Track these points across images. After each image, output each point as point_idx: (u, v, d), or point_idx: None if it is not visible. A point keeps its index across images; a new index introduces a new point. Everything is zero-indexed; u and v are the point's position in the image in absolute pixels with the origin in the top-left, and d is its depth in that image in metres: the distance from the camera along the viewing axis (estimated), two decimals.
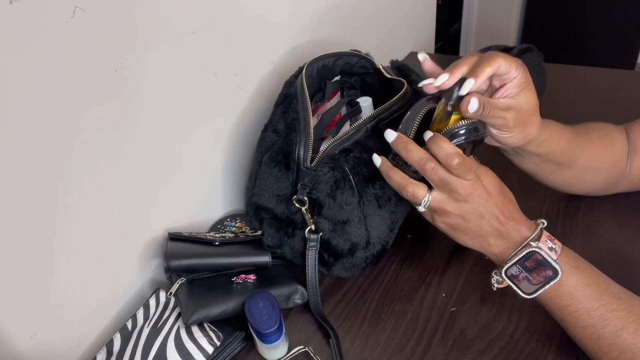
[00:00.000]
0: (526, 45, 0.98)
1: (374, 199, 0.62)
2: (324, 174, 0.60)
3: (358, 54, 0.74)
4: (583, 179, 0.68)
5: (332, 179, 0.60)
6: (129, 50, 0.57)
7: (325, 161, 0.61)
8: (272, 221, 0.66)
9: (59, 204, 0.54)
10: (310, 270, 0.63)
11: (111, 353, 0.57)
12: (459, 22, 2.60)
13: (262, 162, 0.66)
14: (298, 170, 0.62)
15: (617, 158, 0.67)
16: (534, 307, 0.59)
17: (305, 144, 0.61)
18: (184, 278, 0.63)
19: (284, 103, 0.67)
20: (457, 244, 0.57)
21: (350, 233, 0.62)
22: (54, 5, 0.48)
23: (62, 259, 0.56)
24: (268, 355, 0.57)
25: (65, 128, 0.52)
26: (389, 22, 1.23)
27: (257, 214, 0.67)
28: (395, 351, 0.57)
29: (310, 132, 0.62)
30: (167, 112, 0.65)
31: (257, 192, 0.67)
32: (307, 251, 0.62)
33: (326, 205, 0.61)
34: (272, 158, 0.64)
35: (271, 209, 0.65)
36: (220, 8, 0.69)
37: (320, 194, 0.61)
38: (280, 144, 0.64)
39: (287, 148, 0.63)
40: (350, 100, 0.73)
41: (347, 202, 0.61)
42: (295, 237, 0.65)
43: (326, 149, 0.61)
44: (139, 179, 0.64)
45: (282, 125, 0.65)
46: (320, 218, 0.62)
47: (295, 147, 0.61)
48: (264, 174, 0.65)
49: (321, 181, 0.61)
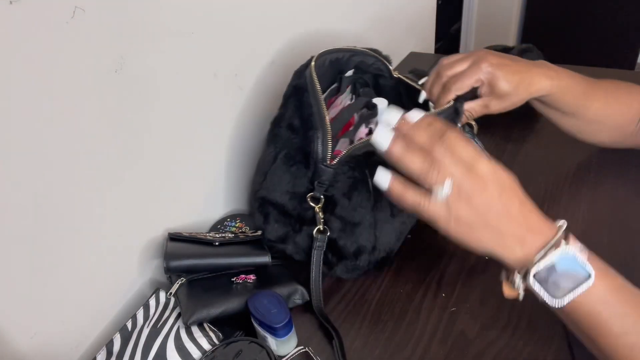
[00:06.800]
0: (526, 45, 0.99)
1: (388, 206, 0.62)
2: (344, 172, 0.60)
3: (376, 56, 0.73)
4: (588, 131, 0.73)
5: (351, 179, 0.60)
6: (129, 50, 0.57)
7: (346, 159, 0.60)
8: (279, 216, 0.65)
9: (59, 204, 0.54)
10: (314, 270, 0.62)
11: (111, 353, 0.57)
12: (459, 22, 2.60)
13: (277, 159, 0.64)
14: (316, 168, 0.61)
15: (627, 119, 0.70)
16: (534, 308, 0.59)
17: (324, 140, 0.60)
18: (184, 278, 0.63)
19: (294, 95, 0.66)
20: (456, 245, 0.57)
21: (358, 236, 0.62)
22: (54, 5, 0.48)
23: (62, 259, 0.56)
24: (280, 350, 0.57)
25: (65, 128, 0.52)
26: (389, 22, 1.23)
27: (263, 207, 0.66)
28: (395, 351, 0.57)
29: (327, 127, 0.60)
30: (167, 113, 0.65)
31: (267, 186, 0.65)
32: (313, 251, 0.62)
33: (340, 204, 0.61)
34: (289, 156, 0.63)
35: (281, 204, 0.64)
36: (220, 8, 0.69)
37: (336, 192, 0.60)
38: (298, 142, 0.63)
39: (306, 147, 0.61)
40: (367, 102, 0.71)
41: (362, 205, 0.60)
42: (301, 233, 0.64)
43: (349, 149, 0.60)
44: (138, 179, 0.64)
45: (298, 121, 0.63)
46: (332, 216, 0.62)
47: (314, 144, 0.60)
48: (278, 171, 0.64)
49: (339, 180, 0.60)
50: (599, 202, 0.74)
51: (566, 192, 0.76)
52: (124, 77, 0.57)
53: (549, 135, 0.90)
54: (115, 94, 0.57)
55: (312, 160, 0.61)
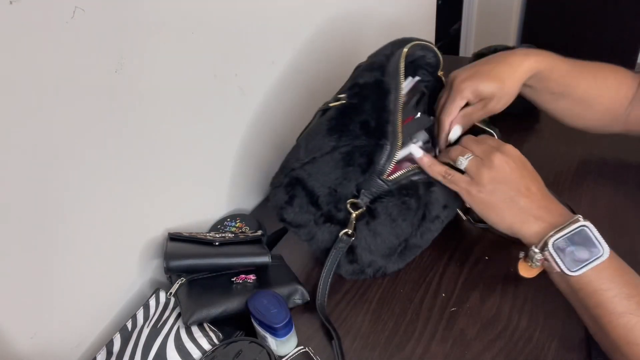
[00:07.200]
0: (526, 45, 0.98)
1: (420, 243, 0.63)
2: (399, 197, 0.59)
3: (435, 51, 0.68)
4: (576, 113, 0.73)
5: (404, 205, 0.59)
6: (129, 50, 0.57)
7: (406, 184, 0.59)
8: (307, 204, 0.62)
9: (59, 204, 0.54)
10: (327, 268, 0.62)
11: (111, 353, 0.57)
12: (459, 22, 2.61)
13: (335, 151, 0.60)
14: (370, 178, 0.59)
15: (616, 102, 0.70)
16: (534, 308, 0.59)
17: (390, 156, 0.59)
18: (184, 278, 0.63)
19: (376, 91, 0.62)
20: (457, 245, 0.57)
21: (378, 254, 0.62)
22: (54, 5, 0.48)
23: (62, 260, 0.56)
24: (280, 350, 0.57)
25: (65, 128, 0.52)
26: (389, 22, 1.23)
27: (292, 188, 0.62)
28: (395, 351, 0.57)
29: (397, 142, 0.59)
30: (167, 113, 0.65)
31: (310, 171, 0.61)
32: (333, 250, 0.61)
33: (380, 222, 0.60)
34: (350, 155, 0.60)
35: (317, 195, 0.61)
36: (220, 8, 0.69)
37: (381, 208, 0.59)
38: (369, 147, 0.59)
39: (373, 155, 0.59)
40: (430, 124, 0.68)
41: (401, 232, 0.60)
42: (322, 227, 0.62)
43: (408, 171, 0.60)
44: (139, 179, 0.64)
45: (374, 122, 0.60)
46: (365, 227, 0.61)
47: (380, 155, 0.59)
48: (331, 163, 0.60)
49: (390, 201, 0.59)
50: (599, 202, 0.74)
51: (566, 192, 0.76)
52: (124, 77, 0.57)
53: (549, 136, 0.90)
54: (115, 94, 0.57)
55: (372, 171, 0.59)
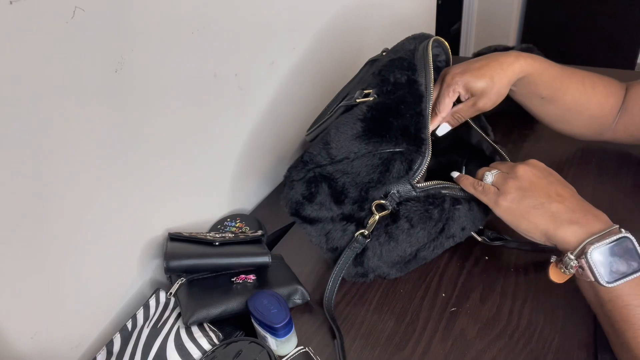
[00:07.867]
0: (526, 45, 0.99)
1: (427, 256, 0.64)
2: (424, 204, 0.59)
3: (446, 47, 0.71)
4: (565, 119, 0.74)
5: (427, 214, 0.59)
6: (129, 50, 0.57)
7: (434, 194, 0.59)
8: (330, 203, 0.61)
9: (59, 204, 0.54)
10: (339, 267, 0.61)
11: (111, 353, 0.57)
12: (459, 22, 2.61)
13: (374, 154, 0.59)
14: (402, 183, 0.59)
15: (605, 111, 0.71)
16: (534, 308, 0.59)
17: (422, 162, 0.59)
18: (184, 278, 0.63)
19: (411, 92, 0.62)
20: (457, 245, 0.57)
21: (388, 258, 0.62)
22: (54, 5, 0.48)
23: (62, 259, 0.56)
24: (280, 350, 0.57)
25: (65, 128, 0.52)
26: (389, 22, 1.23)
27: (316, 185, 0.61)
28: (395, 351, 0.57)
29: (429, 150, 0.60)
30: (167, 113, 0.65)
31: (342, 169, 0.60)
32: (347, 250, 0.61)
33: (399, 226, 0.59)
34: (392, 161, 0.59)
35: (344, 194, 0.60)
36: (220, 8, 0.69)
37: (403, 212, 0.59)
38: (410, 154, 0.59)
39: (413, 162, 0.59)
40: None
41: (418, 240, 0.60)
42: (337, 225, 0.62)
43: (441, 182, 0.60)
44: (139, 179, 0.64)
45: (413, 128, 0.60)
46: (383, 229, 0.60)
47: (418, 162, 0.59)
48: (369, 166, 0.59)
49: (414, 206, 0.59)
50: (599, 203, 0.74)
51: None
52: (124, 77, 0.57)
53: (548, 136, 0.90)
54: (115, 94, 0.57)
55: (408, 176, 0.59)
